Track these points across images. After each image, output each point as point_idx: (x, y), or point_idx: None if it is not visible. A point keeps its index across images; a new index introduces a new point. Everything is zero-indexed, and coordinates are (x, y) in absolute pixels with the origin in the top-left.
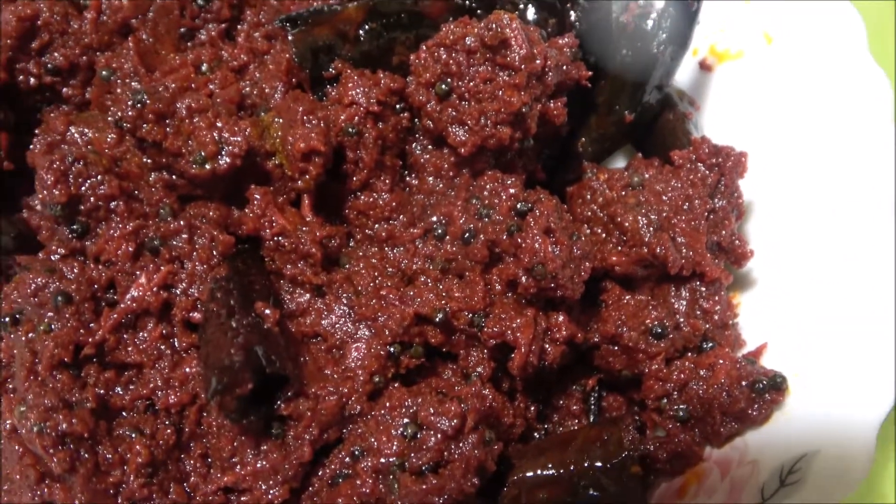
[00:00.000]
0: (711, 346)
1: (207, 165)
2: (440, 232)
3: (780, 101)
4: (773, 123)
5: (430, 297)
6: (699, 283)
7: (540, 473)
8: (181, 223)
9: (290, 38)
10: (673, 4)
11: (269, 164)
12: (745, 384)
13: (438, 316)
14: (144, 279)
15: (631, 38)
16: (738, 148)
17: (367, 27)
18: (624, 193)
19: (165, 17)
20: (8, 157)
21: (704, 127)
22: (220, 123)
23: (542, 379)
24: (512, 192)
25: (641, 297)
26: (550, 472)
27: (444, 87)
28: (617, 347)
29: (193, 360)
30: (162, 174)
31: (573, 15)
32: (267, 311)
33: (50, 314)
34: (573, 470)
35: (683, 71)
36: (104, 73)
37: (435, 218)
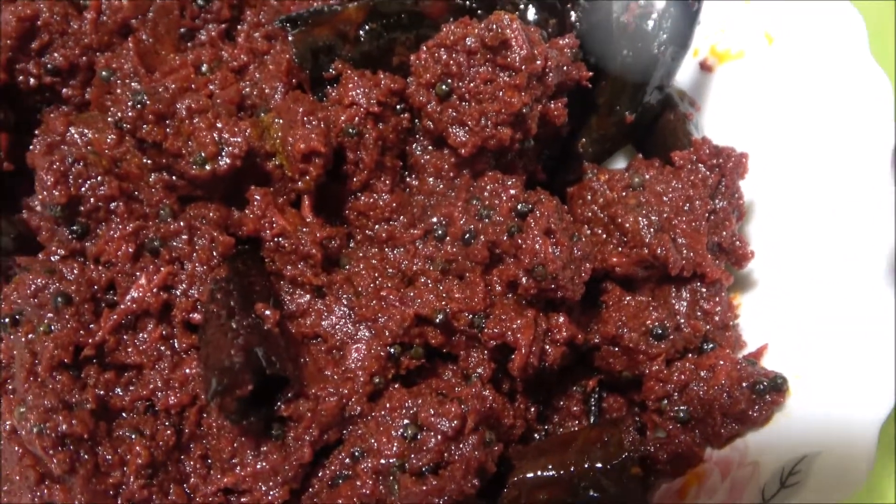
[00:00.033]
0: (712, 347)
1: (207, 166)
2: (440, 233)
3: (780, 101)
4: (773, 124)
5: (430, 297)
6: (700, 284)
7: (540, 474)
8: (181, 224)
9: (290, 38)
10: (674, 5)
11: (269, 164)
12: (745, 385)
13: (439, 317)
14: (144, 280)
15: (632, 38)
16: (738, 149)
17: (367, 27)
18: (624, 194)
19: (165, 17)
20: (8, 157)
21: (705, 127)
22: (220, 124)
23: (542, 380)
24: (512, 192)
25: (642, 298)
26: (551, 473)
27: (444, 87)
28: (617, 348)
29: (193, 361)
30: (162, 175)
31: (574, 15)
32: (267, 312)
33: (50, 315)
34: (573, 471)
35: (684, 71)
36: (104, 73)
37: (435, 219)
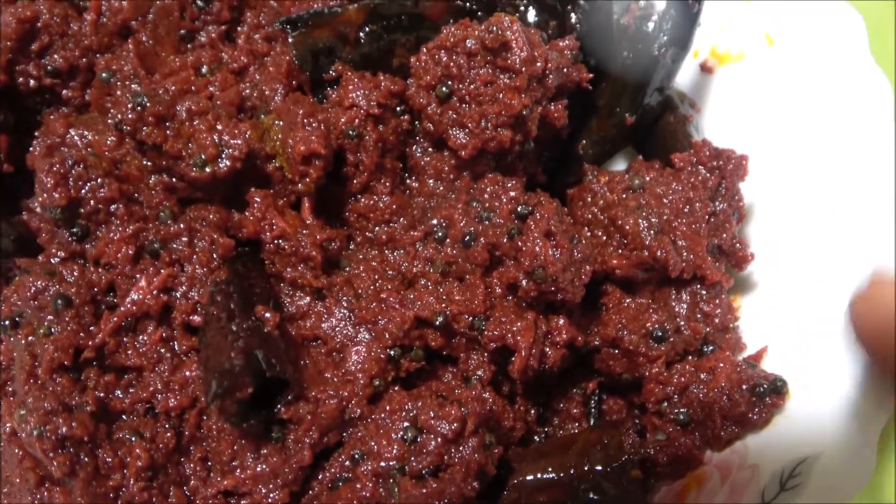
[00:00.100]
0: (712, 349)
1: (207, 168)
2: (440, 235)
3: (780, 103)
4: (773, 126)
5: (430, 300)
6: (700, 286)
7: (540, 477)
8: (181, 226)
9: (290, 40)
10: (674, 6)
11: (269, 166)
12: (745, 388)
13: (439, 319)
14: (144, 282)
15: (632, 40)
16: (738, 150)
17: (367, 29)
18: (625, 196)
19: (165, 18)
20: (8, 159)
21: (705, 129)
22: (220, 126)
23: (542, 382)
24: (512, 194)
25: (642, 300)
26: (550, 475)
27: (444, 89)
28: (617, 351)
29: (193, 363)
30: (162, 177)
31: (574, 17)
32: (267, 314)
33: (50, 317)
34: (573, 473)
35: (684, 73)
36: (104, 75)
37: (435, 221)
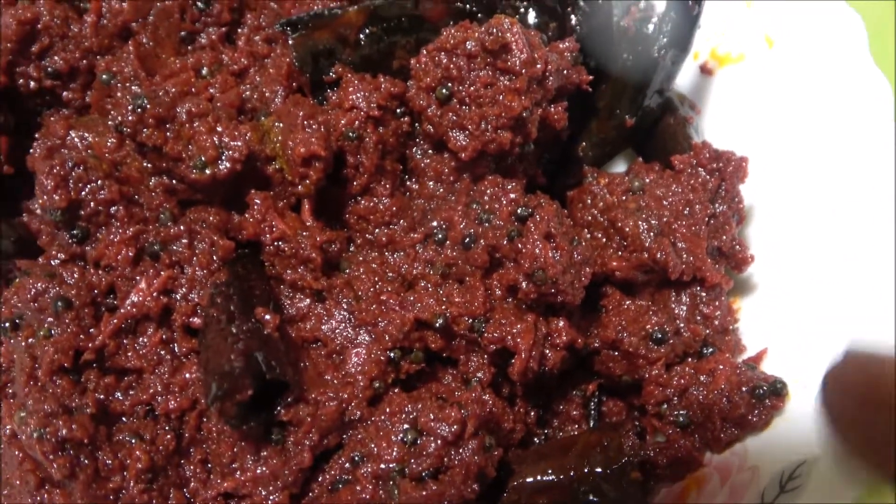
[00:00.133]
0: (712, 351)
1: (208, 170)
2: (440, 237)
3: (780, 104)
4: (773, 127)
5: (430, 302)
6: (699, 288)
7: (540, 479)
8: (181, 228)
9: (290, 42)
10: (674, 8)
11: (269, 168)
12: (745, 390)
13: (439, 321)
14: (144, 284)
15: (632, 41)
16: (738, 152)
17: (367, 31)
18: (624, 198)
19: (166, 20)
20: (8, 160)
21: (705, 131)
22: (220, 128)
23: (542, 384)
24: (512, 196)
25: (642, 302)
26: (550, 477)
27: (444, 91)
28: (617, 353)
29: (193, 365)
30: (162, 179)
31: (574, 19)
32: (267, 316)
33: (50, 319)
34: (573, 475)
35: (684, 75)
36: (104, 76)
37: (435, 223)
